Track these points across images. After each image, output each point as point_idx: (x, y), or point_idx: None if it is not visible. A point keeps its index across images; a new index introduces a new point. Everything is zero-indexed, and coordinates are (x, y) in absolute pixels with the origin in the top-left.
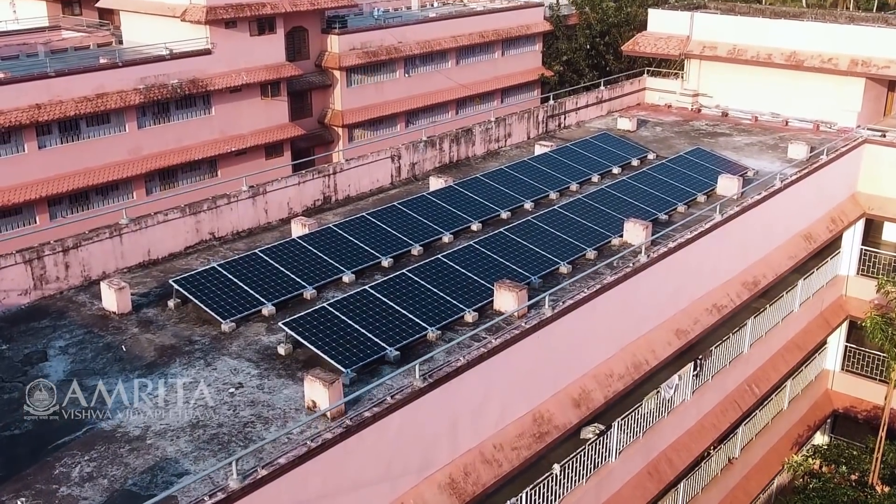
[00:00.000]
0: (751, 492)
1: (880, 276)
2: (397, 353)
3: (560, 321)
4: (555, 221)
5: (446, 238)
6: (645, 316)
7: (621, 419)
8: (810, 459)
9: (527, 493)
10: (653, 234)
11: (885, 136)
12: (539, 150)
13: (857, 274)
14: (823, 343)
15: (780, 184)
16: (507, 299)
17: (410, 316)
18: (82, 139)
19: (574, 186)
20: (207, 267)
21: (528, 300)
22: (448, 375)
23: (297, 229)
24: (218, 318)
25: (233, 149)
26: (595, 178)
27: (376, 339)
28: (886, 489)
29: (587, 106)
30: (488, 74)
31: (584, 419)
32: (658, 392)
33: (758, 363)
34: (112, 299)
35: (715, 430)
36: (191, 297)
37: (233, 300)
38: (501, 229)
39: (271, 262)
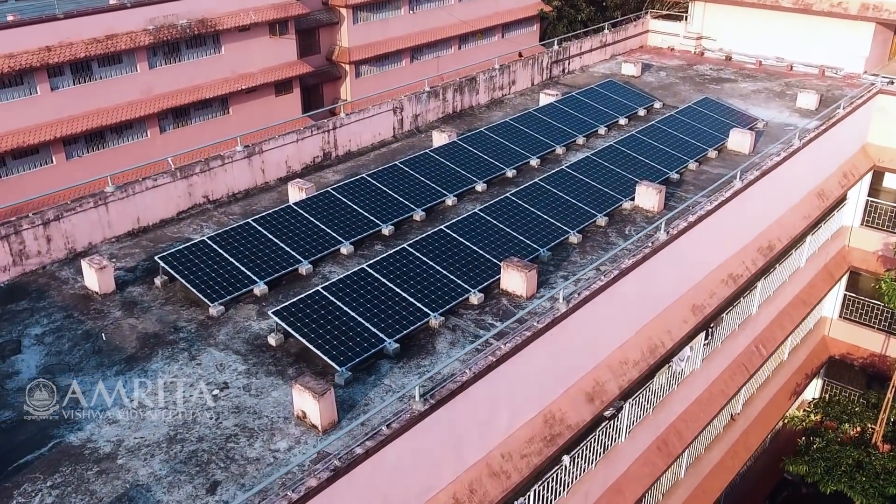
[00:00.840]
0: (750, 445)
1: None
2: (397, 345)
3: (575, 315)
4: (562, 183)
5: (450, 201)
6: (661, 295)
7: (633, 399)
8: (812, 416)
9: (535, 490)
10: (665, 199)
11: (894, 83)
12: (544, 99)
13: (862, 225)
14: (826, 295)
15: (798, 142)
16: (515, 280)
17: (411, 300)
18: (94, 80)
19: (581, 140)
20: (196, 241)
21: (538, 279)
22: (452, 393)
23: (294, 193)
24: (206, 300)
25: (243, 87)
26: (602, 131)
27: (374, 330)
28: (887, 448)
29: (591, 50)
30: (489, 10)
31: (597, 414)
32: (670, 366)
33: (765, 323)
34: (94, 279)
35: (724, 397)
36: (177, 276)
37: (222, 279)
38: (507, 193)
39: (265, 232)
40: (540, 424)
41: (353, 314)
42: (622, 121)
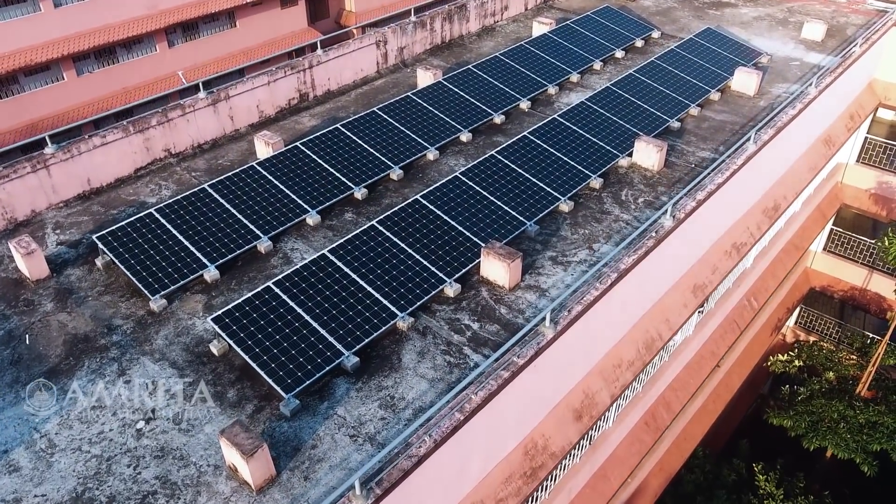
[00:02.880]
0: (732, 386)
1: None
2: (356, 359)
3: (563, 336)
4: (553, 137)
5: (431, 155)
6: (659, 282)
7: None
8: (796, 361)
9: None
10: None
11: None
12: (537, 28)
13: (857, 162)
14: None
15: (815, 91)
16: (496, 269)
17: (377, 296)
18: None
19: (575, 77)
20: (142, 214)
21: (523, 264)
22: (405, 474)
23: (261, 149)
24: (146, 292)
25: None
26: (597, 66)
27: (331, 340)
28: (870, 394)
29: None
30: None
31: (586, 431)
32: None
33: (757, 274)
34: (22, 265)
35: (714, 358)
36: (117, 261)
37: (168, 263)
38: (493, 152)
39: (221, 201)
40: (519, 458)
41: (307, 318)
42: (619, 53)
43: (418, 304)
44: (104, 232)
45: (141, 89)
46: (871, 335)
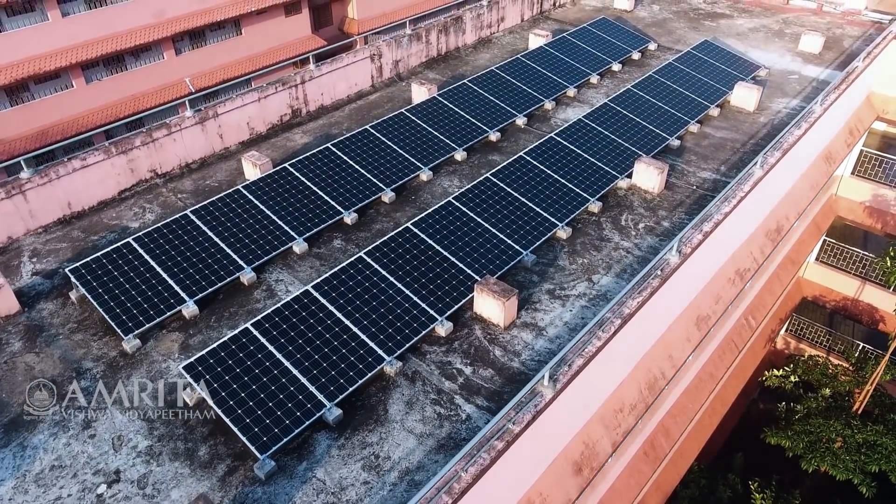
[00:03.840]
0: (728, 400)
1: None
2: (339, 412)
3: (563, 394)
4: (550, 157)
5: (424, 175)
6: (661, 317)
7: None
8: (792, 376)
9: None
10: (661, 166)
11: None
12: (533, 40)
13: (852, 174)
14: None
15: (820, 110)
16: (490, 306)
17: (363, 337)
18: (107, 5)
19: (571, 91)
20: (117, 244)
21: (518, 302)
22: None
23: (249, 170)
24: (119, 331)
25: (253, 8)
26: (594, 80)
27: (312, 389)
28: (862, 407)
29: None
30: None
31: (587, 483)
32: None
33: (755, 292)
34: None
35: (713, 381)
36: (89, 296)
37: (145, 297)
38: (488, 174)
39: (204, 228)
40: None
41: (286, 364)
42: (615, 66)
43: (407, 345)
44: (77, 264)
45: (149, 96)
46: (859, 343)
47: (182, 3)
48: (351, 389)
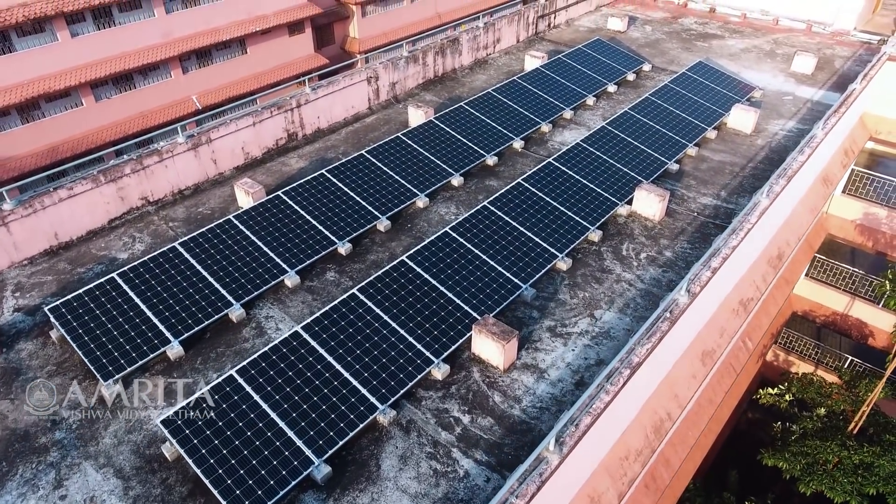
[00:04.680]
0: (722, 418)
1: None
2: (328, 469)
3: (570, 456)
4: (549, 183)
5: (420, 202)
6: (667, 356)
7: None
8: (787, 395)
9: None
10: (659, 193)
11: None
12: (529, 62)
13: (844, 193)
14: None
15: (822, 134)
16: (489, 348)
17: (354, 383)
18: (115, 25)
19: (568, 114)
20: (100, 280)
21: (517, 345)
22: None
23: (242, 198)
24: (98, 375)
25: (258, 28)
26: (590, 101)
27: (300, 444)
28: (857, 427)
29: (577, 2)
30: None
31: None
32: None
33: (752, 314)
34: None
35: (712, 406)
36: (69, 337)
37: (127, 338)
38: (485, 202)
39: (193, 262)
40: None
41: (272, 416)
42: (611, 88)
43: (402, 391)
44: (58, 302)
45: (157, 113)
46: (847, 356)
47: (189, 24)
48: (341, 443)
